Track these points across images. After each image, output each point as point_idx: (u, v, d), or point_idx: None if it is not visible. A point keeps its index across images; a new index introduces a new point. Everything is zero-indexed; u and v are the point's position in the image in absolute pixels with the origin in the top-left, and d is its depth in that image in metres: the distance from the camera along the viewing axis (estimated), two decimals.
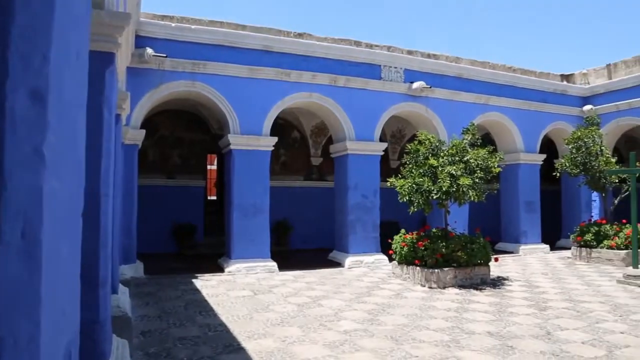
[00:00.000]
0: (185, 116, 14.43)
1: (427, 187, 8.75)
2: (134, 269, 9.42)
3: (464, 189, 8.63)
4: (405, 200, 9.06)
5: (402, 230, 9.77)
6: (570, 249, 13.44)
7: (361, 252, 11.55)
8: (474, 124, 10.20)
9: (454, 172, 8.70)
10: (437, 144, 9.47)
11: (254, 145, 10.70)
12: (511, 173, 14.69)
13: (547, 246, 14.84)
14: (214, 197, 17.80)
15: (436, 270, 8.69)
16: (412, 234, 9.43)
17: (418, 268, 8.99)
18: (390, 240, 9.85)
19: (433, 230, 9.53)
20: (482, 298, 7.83)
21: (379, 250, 11.78)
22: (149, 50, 9.53)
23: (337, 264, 11.53)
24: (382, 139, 12.64)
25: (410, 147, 9.57)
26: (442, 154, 9.23)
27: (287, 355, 4.89)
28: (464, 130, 9.97)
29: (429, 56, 13.91)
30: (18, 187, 1.16)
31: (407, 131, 16.45)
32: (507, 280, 9.57)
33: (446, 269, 8.74)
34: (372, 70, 12.12)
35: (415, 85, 12.30)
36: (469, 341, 5.41)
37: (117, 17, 3.80)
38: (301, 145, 15.95)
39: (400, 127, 16.61)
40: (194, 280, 9.25)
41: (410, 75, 12.54)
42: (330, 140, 12.80)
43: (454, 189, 8.67)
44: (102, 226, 3.72)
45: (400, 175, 9.48)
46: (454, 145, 9.32)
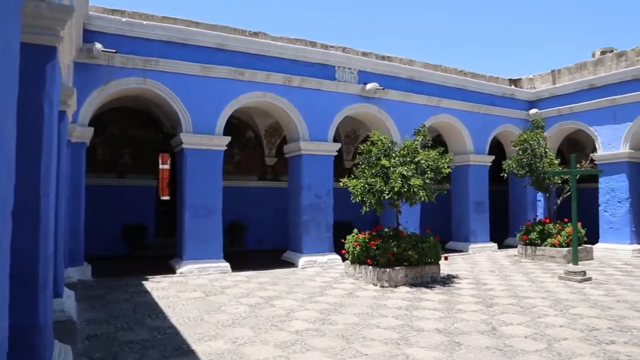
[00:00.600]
0: (136, 114, 14.08)
1: (379, 187, 8.87)
2: (81, 272, 9.12)
3: (415, 190, 8.80)
4: (357, 200, 9.15)
5: (355, 230, 9.86)
6: (516, 247, 13.92)
7: (315, 252, 11.60)
8: (425, 126, 10.42)
9: (405, 173, 8.86)
10: (389, 144, 9.61)
11: (206, 144, 10.56)
12: (461, 174, 15.10)
13: (496, 245, 15.34)
14: (167, 198, 17.46)
15: (388, 270, 8.81)
16: (365, 234, 9.54)
17: (370, 267, 9.10)
18: (343, 240, 9.93)
19: (385, 229, 9.66)
20: (432, 296, 7.99)
21: (332, 250, 11.85)
22: (98, 46, 9.24)
23: (291, 264, 11.53)
24: (336, 140, 12.72)
25: (363, 147, 9.67)
26: (394, 154, 9.38)
27: (238, 356, 4.85)
28: (415, 132, 10.16)
29: (383, 58, 14.11)
30: None
31: (361, 132, 16.62)
32: (457, 278, 9.82)
33: (397, 268, 8.88)
34: (326, 71, 12.18)
35: (369, 86, 12.44)
36: (418, 338, 5.51)
37: (58, 9, 3.65)
38: (255, 145, 15.86)
39: (354, 128, 16.76)
40: (144, 282, 9.03)
41: (364, 77, 12.68)
42: (284, 140, 12.78)
43: (405, 189, 8.83)
44: (42, 227, 3.57)
45: (353, 176, 9.57)
46: (405, 146, 9.48)
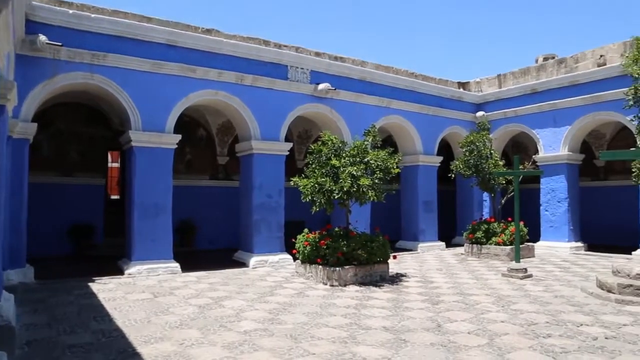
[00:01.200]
0: (84, 110, 13.66)
1: (329, 187, 8.98)
2: (23, 274, 8.80)
3: (364, 189, 8.97)
4: (307, 199, 9.23)
5: (306, 230, 9.94)
6: (463, 245, 14.37)
7: (266, 251, 11.62)
8: (375, 126, 10.62)
9: (355, 173, 9.00)
10: (339, 144, 9.74)
11: (156, 142, 10.39)
12: (411, 174, 15.45)
13: (443, 243, 15.79)
14: (117, 196, 17.01)
15: (337, 269, 8.93)
16: (315, 233, 9.63)
17: (320, 267, 9.20)
18: (294, 240, 9.99)
19: (335, 229, 9.78)
20: (381, 294, 8.16)
21: (283, 249, 11.90)
22: (42, 38, 8.90)
23: (242, 264, 11.50)
24: (288, 139, 12.77)
25: (313, 147, 9.76)
26: (344, 154, 9.51)
27: (184, 358, 4.83)
28: (365, 132, 10.34)
29: (335, 58, 14.25)
30: None
31: (314, 132, 16.72)
32: (405, 276, 10.06)
33: (347, 267, 9.02)
34: (279, 70, 12.20)
35: (321, 86, 12.55)
36: (365, 336, 5.63)
37: None
38: (207, 144, 15.69)
39: (306, 128, 16.85)
40: (90, 284, 8.81)
41: (317, 77, 12.78)
42: (237, 139, 12.71)
43: (355, 189, 8.98)
44: None
45: (303, 175, 9.65)
46: (355, 147, 9.63)
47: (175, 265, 10.31)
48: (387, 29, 59.37)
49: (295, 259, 10.29)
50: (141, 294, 7.99)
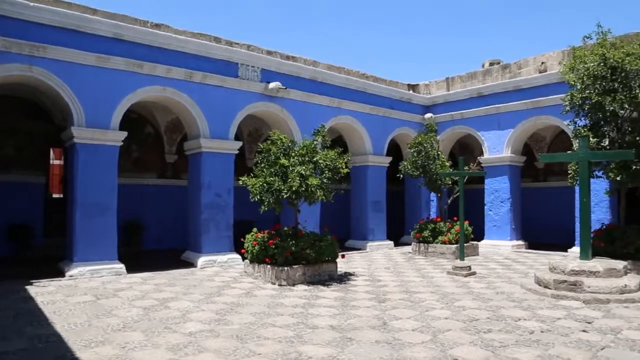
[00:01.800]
0: (23, 103, 13.02)
1: (278, 186, 8.95)
2: None
3: (313, 189, 8.99)
4: (256, 199, 9.18)
5: (254, 229, 9.87)
6: (411, 244, 14.65)
7: (214, 251, 11.47)
8: (324, 126, 10.67)
9: (304, 172, 9.01)
10: (289, 144, 9.72)
11: (100, 139, 10.04)
12: (360, 174, 15.63)
13: (392, 242, 16.05)
14: (59, 195, 16.33)
15: (286, 268, 8.92)
16: (264, 233, 9.59)
17: (269, 266, 9.16)
18: (243, 239, 9.91)
19: (284, 228, 9.76)
20: (329, 293, 8.20)
21: (232, 249, 11.78)
22: None
23: (190, 264, 11.30)
24: (238, 138, 12.65)
25: (262, 146, 9.71)
26: (293, 154, 9.50)
27: None
28: (314, 132, 10.37)
29: (287, 58, 14.21)
30: None
31: (264, 130, 16.61)
32: (353, 275, 10.15)
33: (296, 266, 9.02)
34: (229, 68, 12.06)
35: (272, 85, 12.49)
36: (312, 336, 5.63)
37: None
38: (155, 141, 15.31)
39: (257, 127, 16.73)
40: (28, 287, 8.40)
41: (268, 75, 12.71)
42: (186, 137, 12.47)
43: (303, 189, 8.99)
44: None
45: (252, 174, 9.58)
46: (304, 146, 9.64)
47: (120, 267, 10.01)
48: (340, 30, 59.84)
49: (244, 258, 10.20)
50: (83, 297, 7.71)
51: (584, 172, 8.53)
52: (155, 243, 14.53)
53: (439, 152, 14.13)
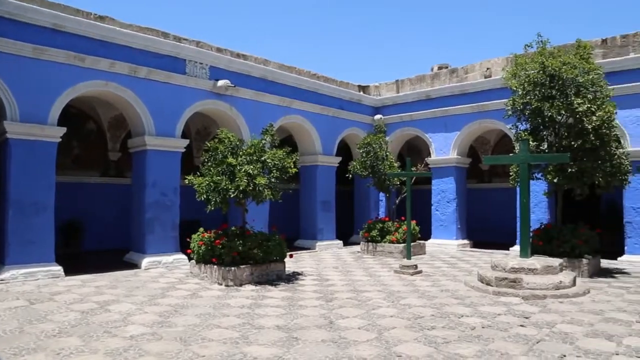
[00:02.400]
0: None
1: (225, 185, 8.81)
2: None
3: (260, 188, 8.90)
4: (202, 198, 9.00)
5: (201, 229, 9.68)
6: (360, 244, 14.77)
7: (159, 252, 11.16)
8: (273, 125, 10.58)
9: (251, 172, 8.91)
10: (237, 143, 9.58)
11: (37, 135, 9.55)
12: (310, 174, 15.63)
13: (341, 242, 16.14)
14: None
15: (233, 268, 8.79)
16: (210, 233, 9.41)
17: (215, 267, 9.00)
18: (189, 240, 9.70)
19: (232, 228, 9.62)
20: (276, 293, 8.14)
21: (178, 249, 11.51)
22: None
23: (134, 266, 10.95)
24: (186, 136, 12.38)
25: (209, 145, 9.53)
26: (241, 153, 9.37)
27: None
28: (263, 131, 10.27)
29: (238, 55, 14.01)
30: None
31: (213, 129, 16.30)
32: (302, 275, 10.13)
33: (243, 266, 8.90)
34: (176, 64, 11.78)
35: (220, 83, 12.29)
36: (257, 336, 5.57)
37: None
38: (98, 138, 14.75)
39: (205, 125, 16.42)
40: None
41: (217, 73, 12.51)
42: (130, 134, 12.07)
43: (251, 188, 8.88)
44: None
45: (199, 173, 9.38)
46: (252, 145, 9.53)
47: (58, 269, 9.55)
48: (294, 32, 59.76)
49: (190, 259, 9.98)
50: (15, 302, 7.30)
51: (524, 174, 8.85)
52: (97, 244, 13.99)
53: (387, 153, 14.32)
